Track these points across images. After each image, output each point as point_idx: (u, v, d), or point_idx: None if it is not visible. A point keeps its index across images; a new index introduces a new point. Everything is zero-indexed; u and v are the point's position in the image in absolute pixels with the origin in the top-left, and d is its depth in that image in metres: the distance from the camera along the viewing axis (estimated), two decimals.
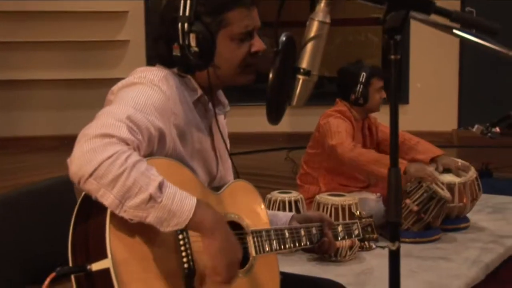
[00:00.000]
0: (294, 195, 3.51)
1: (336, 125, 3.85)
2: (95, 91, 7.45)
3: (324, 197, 3.45)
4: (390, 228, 1.29)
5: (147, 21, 8.01)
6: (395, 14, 1.30)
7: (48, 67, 7.97)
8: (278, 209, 3.41)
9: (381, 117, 4.28)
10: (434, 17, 1.45)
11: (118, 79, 1.80)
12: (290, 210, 3.42)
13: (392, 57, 1.32)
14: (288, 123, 7.72)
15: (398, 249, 1.27)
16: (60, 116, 8.07)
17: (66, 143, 7.07)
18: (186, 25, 1.76)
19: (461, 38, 1.50)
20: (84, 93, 7.93)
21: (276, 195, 3.51)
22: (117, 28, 8.11)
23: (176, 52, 1.78)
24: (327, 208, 3.38)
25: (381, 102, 4.01)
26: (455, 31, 1.49)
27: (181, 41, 1.76)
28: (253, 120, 7.78)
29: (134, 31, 8.05)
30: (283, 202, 3.45)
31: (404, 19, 1.30)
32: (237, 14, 1.83)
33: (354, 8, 8.51)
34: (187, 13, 1.75)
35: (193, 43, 1.76)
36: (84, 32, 7.91)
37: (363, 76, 3.91)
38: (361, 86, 3.90)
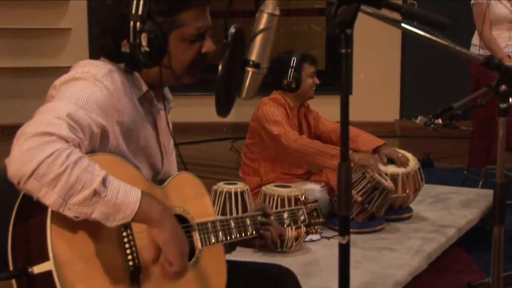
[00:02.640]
0: (240, 186, 3.50)
1: (271, 113, 3.87)
2: (36, 80, 7.31)
3: (271, 188, 3.45)
4: (340, 222, 1.29)
5: (90, 9, 7.88)
6: (346, 8, 1.30)
7: None
8: (224, 201, 3.40)
9: (322, 108, 4.33)
10: (383, 11, 1.46)
11: (60, 68, 1.77)
12: (236, 201, 3.41)
13: (343, 50, 1.31)
14: (233, 113, 7.65)
15: (348, 243, 1.27)
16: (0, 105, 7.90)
17: (7, 132, 6.92)
18: (138, 23, 1.71)
19: (409, 32, 1.51)
20: (25, 81, 7.76)
21: (222, 186, 3.49)
22: (59, 15, 7.95)
23: (125, 49, 1.74)
24: (274, 199, 3.38)
25: (314, 88, 4.04)
26: (403, 25, 1.50)
27: (132, 40, 1.71)
28: (197, 110, 7.76)
29: (76, 19, 7.91)
30: (229, 193, 3.43)
31: (356, 12, 1.30)
32: (191, 15, 1.79)
33: None
34: (139, 11, 1.71)
35: (144, 42, 1.72)
36: (25, 20, 7.75)
37: (294, 60, 3.94)
38: (293, 69, 3.94)
